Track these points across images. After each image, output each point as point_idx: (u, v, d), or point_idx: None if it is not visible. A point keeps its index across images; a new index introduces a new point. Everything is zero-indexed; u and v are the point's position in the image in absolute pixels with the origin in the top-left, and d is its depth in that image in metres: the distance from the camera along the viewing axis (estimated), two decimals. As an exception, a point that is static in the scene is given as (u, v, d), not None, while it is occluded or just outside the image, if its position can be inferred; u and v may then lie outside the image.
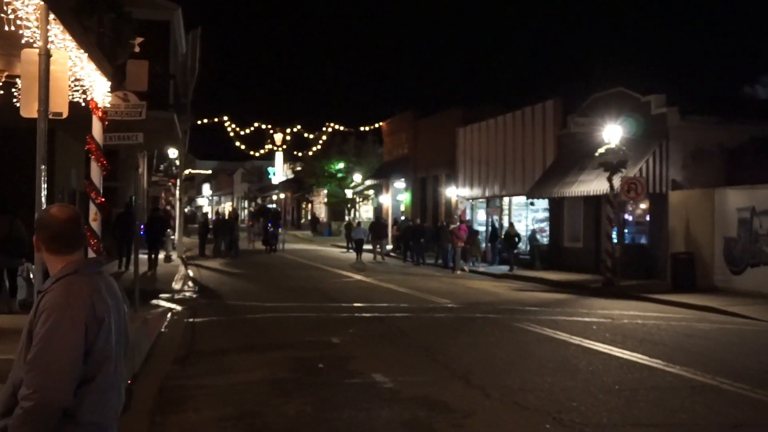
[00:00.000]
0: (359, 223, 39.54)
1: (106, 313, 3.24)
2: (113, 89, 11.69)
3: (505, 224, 32.42)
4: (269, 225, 35.94)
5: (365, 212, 52.12)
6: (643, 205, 24.92)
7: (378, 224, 36.70)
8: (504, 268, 28.65)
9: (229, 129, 57.68)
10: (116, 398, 3.32)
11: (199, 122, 50.89)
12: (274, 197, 76.34)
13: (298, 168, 68.66)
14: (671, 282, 21.58)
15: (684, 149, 23.47)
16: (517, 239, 29.33)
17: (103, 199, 11.55)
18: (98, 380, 3.19)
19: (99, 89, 10.66)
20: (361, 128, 53.58)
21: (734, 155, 23.33)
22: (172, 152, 33.49)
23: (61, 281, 3.23)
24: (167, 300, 17.36)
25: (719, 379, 9.81)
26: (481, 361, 10.96)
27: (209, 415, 8.06)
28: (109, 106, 11.81)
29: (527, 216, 31.66)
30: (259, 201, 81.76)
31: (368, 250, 34.99)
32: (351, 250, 37.23)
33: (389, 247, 38.07)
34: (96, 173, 11.43)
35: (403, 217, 37.27)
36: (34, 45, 7.71)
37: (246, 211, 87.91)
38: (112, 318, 3.27)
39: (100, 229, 11.42)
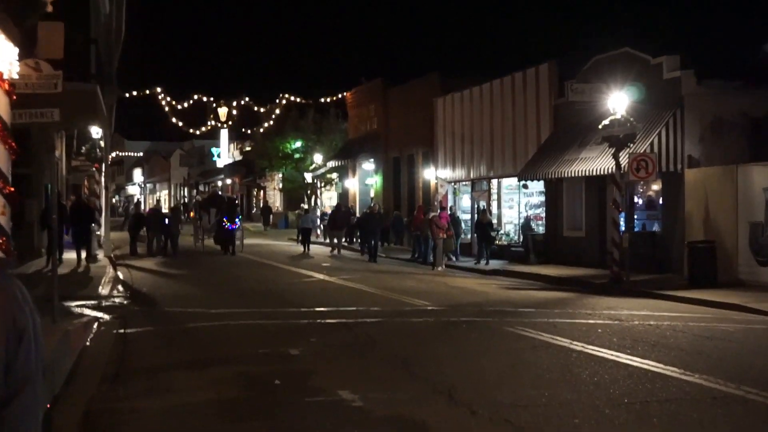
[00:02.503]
0: (306, 211, 41.69)
1: (26, 324, 3.24)
2: (21, 57, 11.56)
3: (495, 211, 32.99)
4: (224, 219, 34.49)
5: (328, 199, 52.57)
6: (655, 186, 25.35)
7: (337, 213, 37.76)
8: (494, 263, 28.95)
9: (163, 103, 56.75)
10: (36, 425, 3.30)
11: (127, 95, 50.39)
12: (219, 183, 76.38)
13: (247, 148, 69.12)
14: (688, 276, 21.90)
15: (701, 120, 23.70)
16: (490, 227, 29.92)
17: (12, 189, 11.43)
18: (14, 406, 3.12)
19: (4, 57, 10.53)
20: (322, 100, 53.77)
21: (760, 126, 23.48)
22: (96, 132, 33.30)
23: None
24: (92, 308, 17.36)
25: (745, 389, 9.90)
26: (467, 373, 11.06)
27: (144, 444, 8.18)
28: (16, 77, 11.69)
29: (519, 201, 32.03)
30: (201, 188, 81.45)
31: (325, 243, 36.45)
32: (300, 243, 38.51)
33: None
34: (3, 158, 11.32)
35: (373, 204, 37.36)
36: None
37: (184, 200, 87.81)
38: (32, 330, 3.27)
39: (9, 224, 11.31)
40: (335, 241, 36.45)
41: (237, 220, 34.97)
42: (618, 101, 22.54)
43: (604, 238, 25.12)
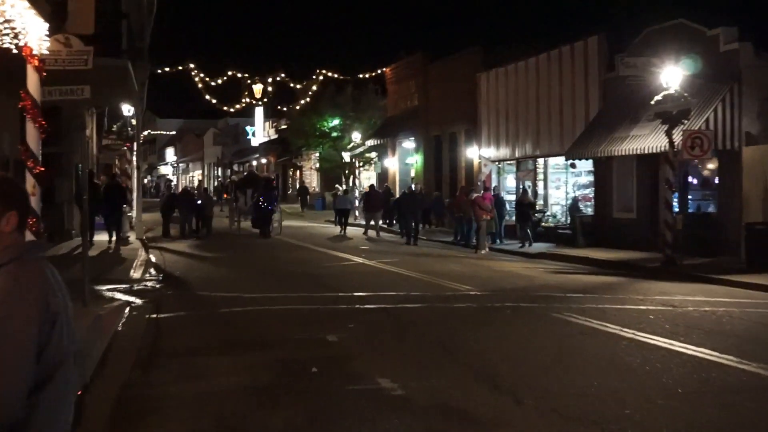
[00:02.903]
0: (346, 191, 42.06)
1: (60, 308, 3.27)
2: (52, 32, 11.62)
3: (542, 192, 32.95)
4: (261, 200, 34.18)
5: (367, 179, 52.33)
6: (711, 165, 24.98)
7: (372, 193, 37.58)
8: (540, 246, 28.96)
9: (196, 79, 57.17)
10: (68, 411, 3.34)
11: (159, 72, 50.54)
12: (254, 162, 76.08)
13: (283, 126, 68.23)
14: (746, 259, 21.61)
15: (760, 94, 23.46)
16: (531, 208, 29.86)
17: (42, 168, 11.54)
18: (49, 390, 3.21)
19: (34, 32, 10.60)
20: (360, 76, 53.55)
21: (823, 101, 23.42)
22: (127, 109, 33.45)
23: (4, 268, 3.23)
24: (124, 292, 17.46)
25: (806, 378, 9.94)
26: (511, 360, 11.07)
27: (177, 430, 8.10)
28: (47, 53, 11.75)
29: (567, 181, 31.97)
30: (236, 168, 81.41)
31: (362, 225, 36.71)
32: (338, 225, 38.70)
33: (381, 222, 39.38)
34: (33, 137, 11.42)
35: (413, 185, 37.37)
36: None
37: (217, 181, 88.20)
38: (65, 314, 3.30)
39: (39, 204, 11.43)
40: (372, 222, 36.44)
41: (274, 201, 34.90)
42: (671, 75, 22.27)
43: (657, 220, 24.91)
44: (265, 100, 66.10)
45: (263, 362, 11.00)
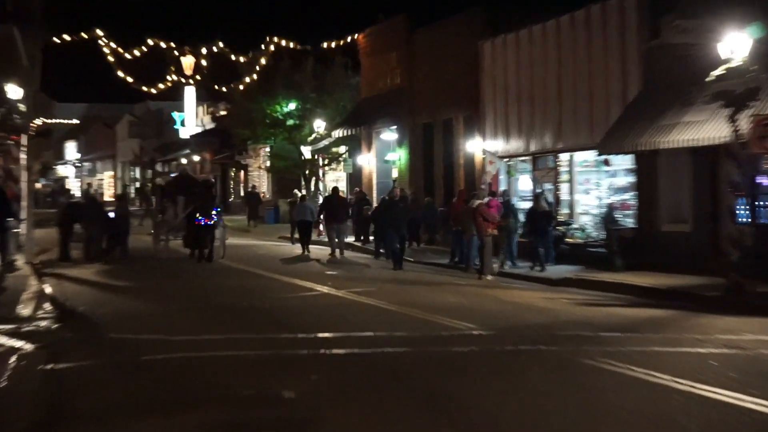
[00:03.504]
0: (303, 198, 41.77)
1: None
2: None
3: (566, 197, 32.87)
4: (197, 211, 33.96)
5: (333, 182, 51.55)
6: (789, 161, 25.22)
7: (334, 199, 37.76)
8: (564, 269, 28.98)
9: (106, 51, 56.63)
10: None
11: (57, 41, 49.88)
12: (184, 160, 75.41)
13: (222, 112, 68.57)
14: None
15: None
16: (546, 219, 30.08)
17: None
18: None
19: None
20: (324, 46, 53.33)
21: None
22: (14, 91, 33.10)
23: None
24: (9, 334, 17.27)
25: None
26: (528, 424, 11.04)
27: None
28: None
29: (599, 183, 31.69)
30: (159, 168, 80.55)
31: (327, 243, 37.31)
32: (296, 243, 39.49)
33: (349, 239, 39.78)
34: None
35: (395, 189, 37.70)
36: None
37: (134, 186, 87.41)
38: None
39: None
40: (335, 240, 36.64)
41: (215, 212, 34.64)
42: (736, 43, 22.02)
43: (719, 234, 24.78)
44: (198, 78, 64.79)
45: (199, 428, 10.93)
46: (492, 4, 37.30)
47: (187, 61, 63.88)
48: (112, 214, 35.63)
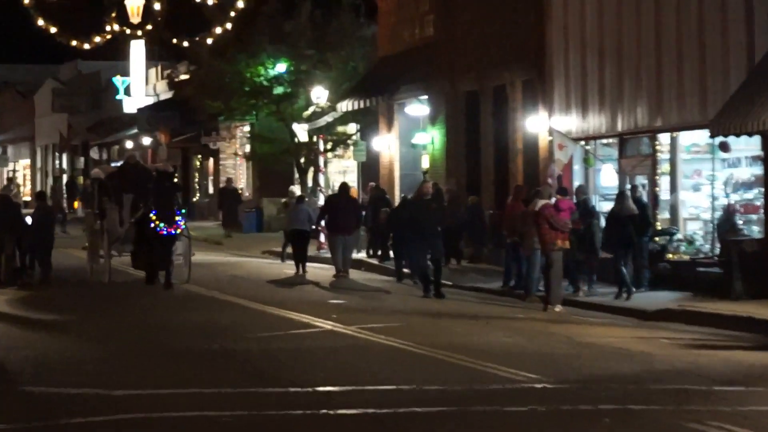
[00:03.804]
0: (301, 198, 39.71)
1: None
2: None
3: (667, 196, 31.94)
4: (152, 215, 32.26)
5: (340, 175, 49.59)
6: None
7: (340, 200, 35.86)
8: (664, 297, 28.28)
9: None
10: None
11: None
12: (129, 144, 71.33)
13: (184, 76, 64.95)
14: None
15: None
16: (638, 226, 29.35)
17: None
18: None
19: None
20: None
21: None
22: None
23: None
24: None
25: None
26: None
27: None
28: None
29: (713, 176, 30.48)
30: (96, 155, 77.30)
31: (326, 259, 36.97)
32: (285, 259, 38.49)
33: (359, 254, 38.51)
34: None
35: (426, 183, 34.52)
36: None
37: (62, 178, 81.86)
38: None
39: None
40: (339, 255, 34.48)
41: (178, 216, 32.57)
42: None
43: None
44: (150, 28, 60.37)
45: None
46: None
47: (134, 4, 59.82)
48: (29, 220, 33.59)
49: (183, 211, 33.83)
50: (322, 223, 36.87)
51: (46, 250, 33.25)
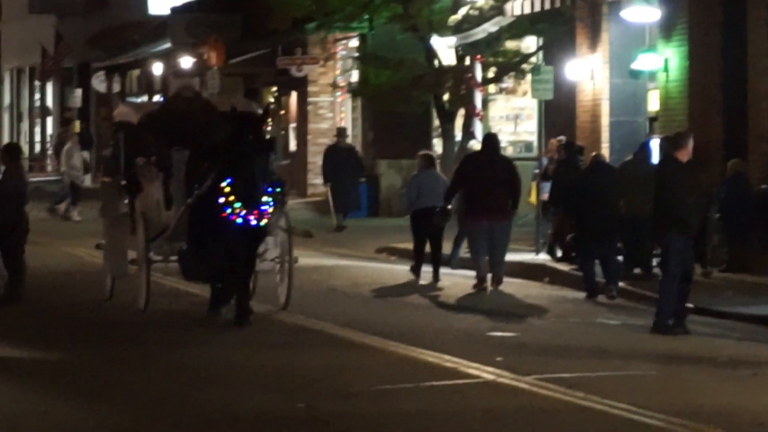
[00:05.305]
0: (431, 161, 31.01)
1: None
2: None
3: None
4: (227, 190, 23.60)
5: (504, 122, 40.72)
6: None
7: (482, 165, 28.39)
8: None
9: None
10: None
11: None
12: (157, 68, 54.43)
13: None
14: None
15: None
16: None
17: None
18: None
19: None
20: None
21: None
22: None
23: None
24: None
25: None
26: None
27: None
28: None
29: None
30: (99, 85, 55.88)
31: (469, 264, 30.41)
32: (419, 264, 30.13)
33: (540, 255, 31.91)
34: None
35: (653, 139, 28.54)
36: None
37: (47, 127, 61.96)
38: None
39: None
40: (483, 254, 27.72)
41: (269, 196, 23.77)
42: None
43: None
44: None
45: None
46: None
47: None
48: None
49: (278, 188, 24.49)
50: (452, 202, 28.92)
51: (12, 244, 25.48)
